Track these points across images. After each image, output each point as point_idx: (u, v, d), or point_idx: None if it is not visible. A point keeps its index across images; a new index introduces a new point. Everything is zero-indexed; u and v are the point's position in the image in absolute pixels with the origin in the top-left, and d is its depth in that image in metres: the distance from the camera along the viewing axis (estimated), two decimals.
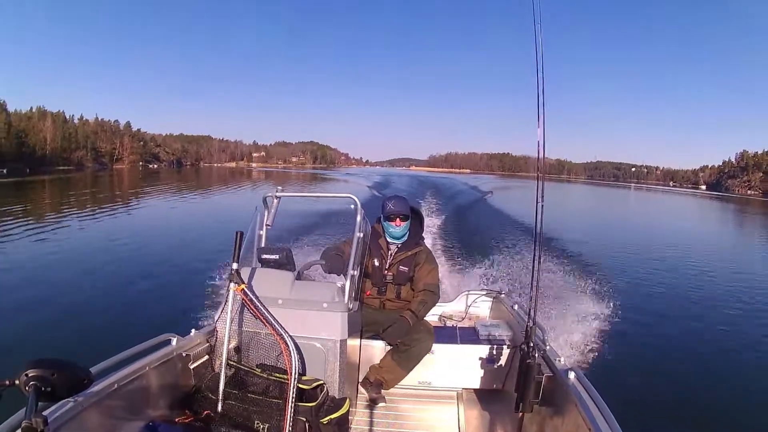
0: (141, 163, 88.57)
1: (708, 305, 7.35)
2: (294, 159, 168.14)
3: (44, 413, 1.06)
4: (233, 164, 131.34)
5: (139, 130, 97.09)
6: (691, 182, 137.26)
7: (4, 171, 47.14)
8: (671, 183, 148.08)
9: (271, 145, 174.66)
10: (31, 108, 68.21)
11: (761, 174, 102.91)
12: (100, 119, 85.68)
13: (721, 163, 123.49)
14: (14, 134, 57.73)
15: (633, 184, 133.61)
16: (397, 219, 2.63)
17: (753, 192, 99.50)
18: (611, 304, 6.27)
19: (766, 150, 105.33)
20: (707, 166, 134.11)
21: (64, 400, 1.35)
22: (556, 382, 1.89)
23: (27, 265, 8.02)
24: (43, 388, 0.94)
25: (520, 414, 1.91)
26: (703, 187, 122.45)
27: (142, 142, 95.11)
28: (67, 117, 76.43)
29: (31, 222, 13.46)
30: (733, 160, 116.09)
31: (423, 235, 2.91)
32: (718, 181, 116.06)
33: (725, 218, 33.60)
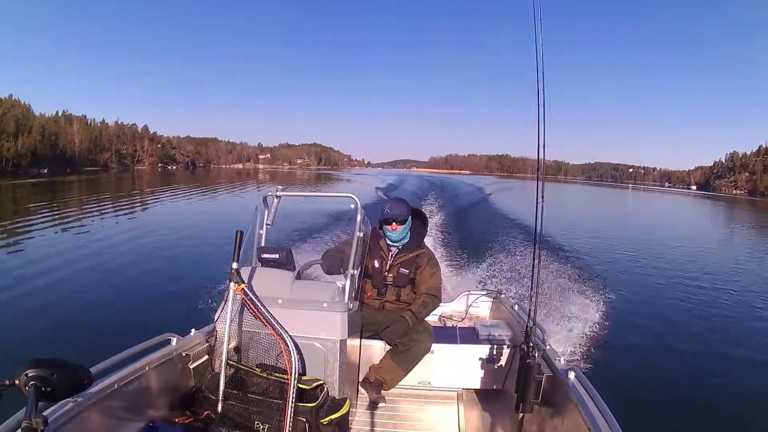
0: (160, 164, 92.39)
1: (708, 304, 7.36)
2: (299, 161, 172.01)
3: (44, 413, 1.05)
4: (240, 166, 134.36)
5: (155, 133, 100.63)
6: (685, 183, 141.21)
7: (45, 171, 51.70)
8: (667, 184, 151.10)
9: (275, 147, 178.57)
10: (57, 112, 72.86)
11: (747, 174, 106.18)
12: (119, 123, 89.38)
13: (711, 164, 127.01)
14: (47, 137, 61.33)
15: (630, 185, 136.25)
16: (394, 223, 2.61)
17: (739, 191, 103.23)
18: (611, 303, 6.29)
19: (754, 151, 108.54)
20: (701, 166, 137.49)
21: (64, 400, 1.34)
22: (556, 382, 1.89)
23: (30, 264, 8.00)
24: (43, 388, 0.94)
25: (520, 414, 1.91)
26: (694, 187, 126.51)
27: (160, 145, 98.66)
28: (89, 120, 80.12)
29: (52, 220, 13.54)
30: (723, 160, 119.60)
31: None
32: (707, 182, 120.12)
33: (717, 218, 34.11)
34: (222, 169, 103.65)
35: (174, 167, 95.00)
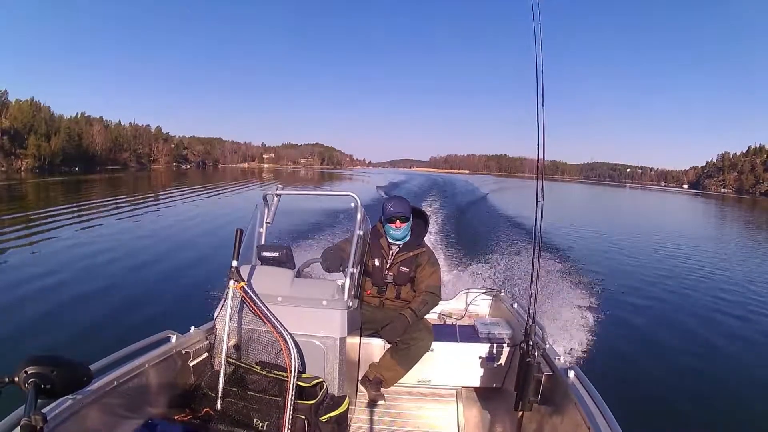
0: (174, 164, 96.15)
1: (708, 303, 7.37)
2: (303, 160, 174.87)
3: (43, 411, 1.05)
4: (246, 165, 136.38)
5: (168, 133, 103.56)
6: (681, 182, 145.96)
7: (77, 169, 57.16)
8: (663, 183, 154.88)
9: (278, 146, 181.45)
10: (78, 114, 76.57)
11: (735, 173, 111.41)
12: (134, 124, 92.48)
13: (704, 164, 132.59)
14: (72, 138, 65.50)
15: (628, 184, 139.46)
16: (397, 221, 2.61)
17: (727, 190, 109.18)
18: (611, 302, 6.30)
19: (743, 151, 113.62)
20: (695, 166, 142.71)
21: (63, 398, 1.34)
22: (555, 381, 1.89)
23: (33, 262, 8.01)
24: (42, 386, 0.93)
25: (520, 412, 1.91)
26: (686, 186, 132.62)
27: (173, 145, 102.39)
28: (105, 121, 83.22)
29: (69, 217, 13.56)
30: (715, 161, 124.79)
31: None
32: (698, 181, 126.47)
33: (710, 215, 34.84)
34: (229, 168, 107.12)
35: (187, 166, 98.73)
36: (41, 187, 28.54)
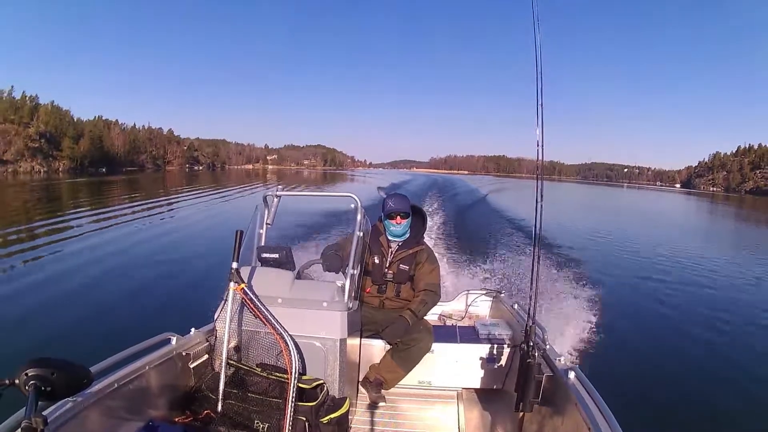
0: (187, 165, 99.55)
1: (709, 303, 7.36)
2: (306, 162, 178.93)
3: (44, 413, 1.05)
4: (250, 166, 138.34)
5: (179, 136, 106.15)
6: (674, 182, 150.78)
7: (104, 170, 61.62)
8: (658, 182, 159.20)
9: (281, 148, 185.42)
10: (96, 117, 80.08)
11: (724, 173, 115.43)
12: (148, 127, 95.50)
13: (696, 164, 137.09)
14: (95, 141, 68.89)
15: (625, 184, 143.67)
16: (398, 217, 2.63)
17: (716, 189, 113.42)
18: (611, 302, 6.29)
19: (733, 151, 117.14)
20: (689, 166, 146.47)
21: (63, 400, 1.34)
22: (556, 382, 1.89)
23: (33, 263, 8.01)
24: (43, 388, 0.94)
25: (520, 413, 1.91)
26: (678, 185, 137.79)
27: (186, 148, 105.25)
28: (121, 125, 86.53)
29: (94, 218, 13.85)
30: (707, 160, 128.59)
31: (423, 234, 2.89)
32: (689, 180, 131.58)
33: (702, 214, 35.46)
34: (236, 170, 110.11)
35: (199, 168, 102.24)
36: (72, 188, 30.31)
